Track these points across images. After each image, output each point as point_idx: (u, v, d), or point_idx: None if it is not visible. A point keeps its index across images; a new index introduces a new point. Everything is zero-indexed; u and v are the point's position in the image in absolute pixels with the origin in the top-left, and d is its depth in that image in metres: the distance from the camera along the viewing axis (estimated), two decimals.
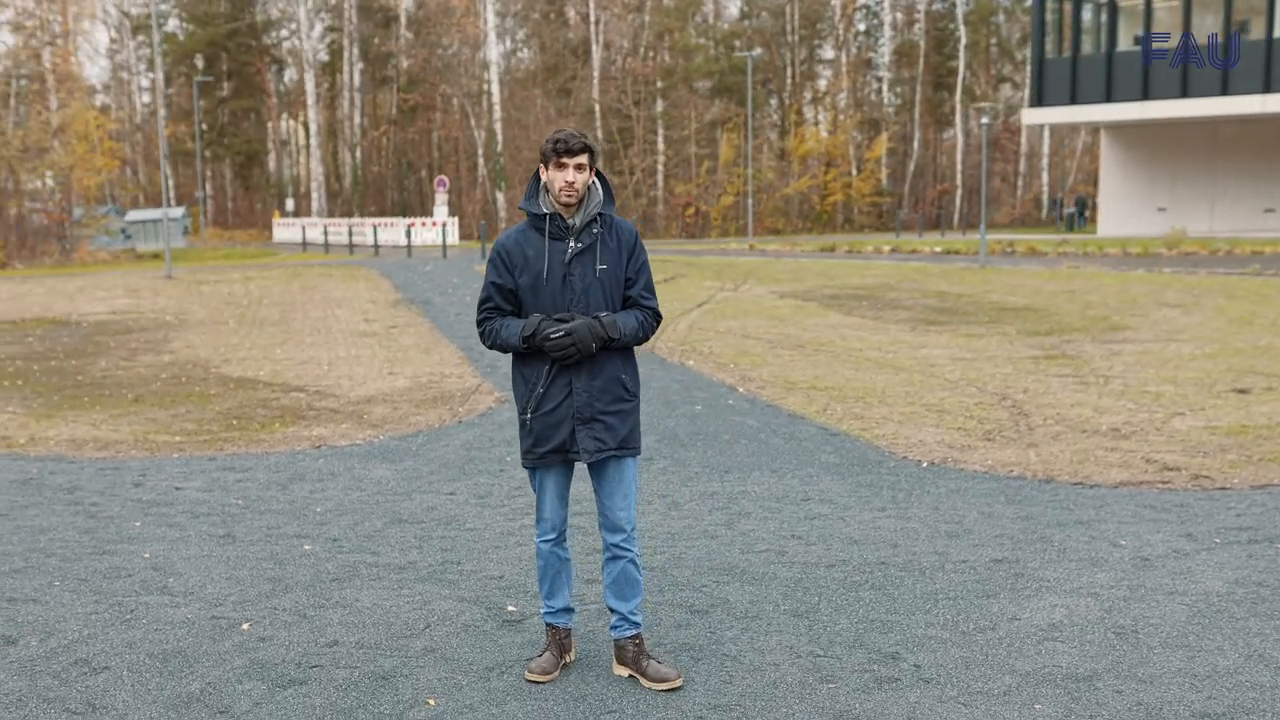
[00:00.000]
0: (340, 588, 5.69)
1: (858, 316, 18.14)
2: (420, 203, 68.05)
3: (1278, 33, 36.09)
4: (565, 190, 4.38)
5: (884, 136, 64.51)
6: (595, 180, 4.51)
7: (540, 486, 4.61)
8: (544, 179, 4.46)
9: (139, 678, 4.60)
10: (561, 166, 4.37)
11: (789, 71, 67.51)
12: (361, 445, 9.40)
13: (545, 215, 4.45)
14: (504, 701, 4.36)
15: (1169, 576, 5.69)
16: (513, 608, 5.38)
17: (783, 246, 40.27)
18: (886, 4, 67.07)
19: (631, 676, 4.56)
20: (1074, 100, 40.56)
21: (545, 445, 4.48)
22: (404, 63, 68.42)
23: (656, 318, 4.57)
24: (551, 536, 4.63)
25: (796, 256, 33.74)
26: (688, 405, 10.84)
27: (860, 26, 68.86)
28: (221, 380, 13.02)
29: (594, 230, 4.46)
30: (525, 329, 4.38)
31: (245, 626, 5.15)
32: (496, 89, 61.66)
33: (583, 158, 4.38)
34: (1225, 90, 36.64)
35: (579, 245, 4.44)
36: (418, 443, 9.45)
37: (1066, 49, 41.27)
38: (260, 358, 14.86)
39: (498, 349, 4.52)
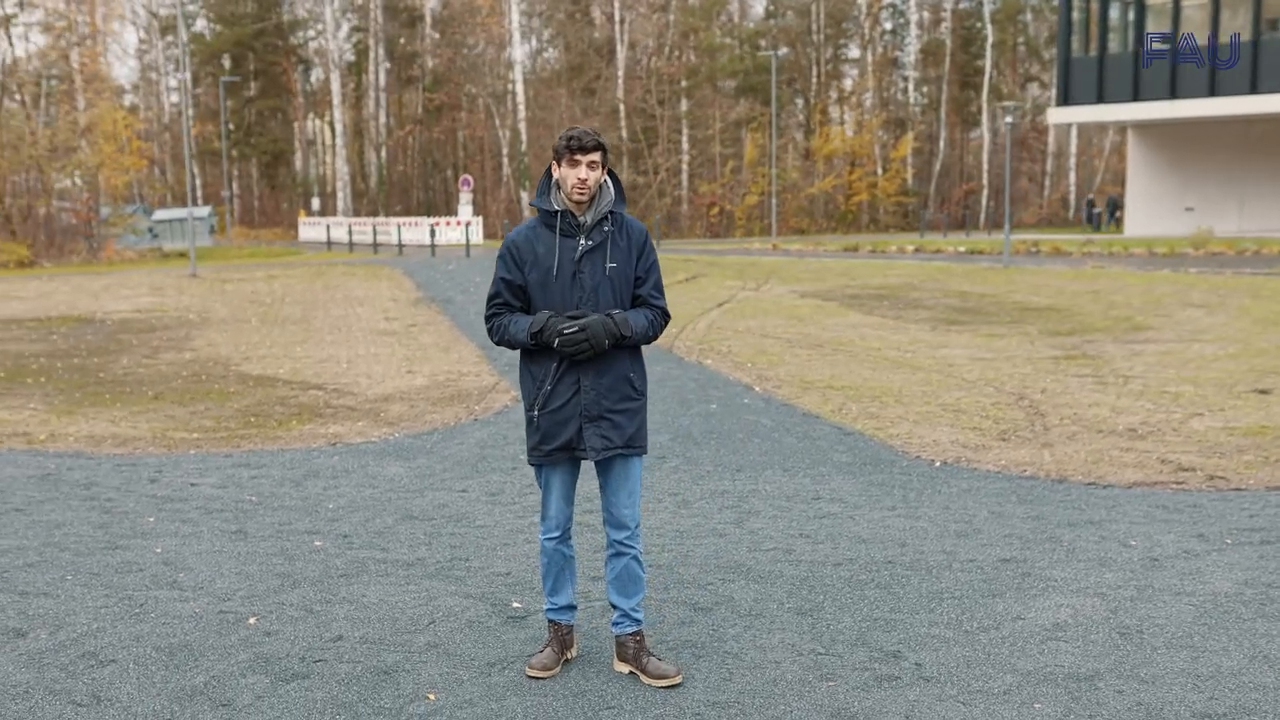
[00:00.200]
0: (348, 583, 5.73)
1: (878, 316, 18.08)
2: (445, 202, 68.27)
3: None
4: (578, 188, 4.38)
5: (909, 136, 64.27)
6: (607, 179, 4.51)
7: (546, 484, 4.62)
8: (556, 176, 4.46)
9: (144, 670, 4.65)
10: (574, 164, 4.38)
11: (814, 71, 67.27)
12: (377, 443, 9.45)
13: (556, 212, 4.45)
14: (504, 697, 4.38)
15: (1178, 577, 5.65)
16: (517, 604, 5.41)
17: (806, 246, 40.17)
18: (913, 3, 66.71)
19: (632, 673, 4.57)
20: (1101, 99, 40.25)
21: (552, 442, 4.50)
22: (429, 62, 68.64)
23: (665, 317, 4.58)
24: (556, 534, 4.65)
25: (819, 256, 33.65)
26: (703, 404, 10.84)
27: (886, 25, 68.53)
28: (241, 378, 13.12)
29: (605, 228, 4.47)
30: (534, 325, 4.38)
31: (252, 621, 5.19)
32: (521, 89, 61.76)
33: (595, 155, 4.38)
34: (1255, 89, 36.28)
35: (590, 243, 4.44)
36: (432, 440, 9.49)
37: (1094, 48, 40.99)
38: (280, 356, 14.96)
39: (505, 344, 4.52)
